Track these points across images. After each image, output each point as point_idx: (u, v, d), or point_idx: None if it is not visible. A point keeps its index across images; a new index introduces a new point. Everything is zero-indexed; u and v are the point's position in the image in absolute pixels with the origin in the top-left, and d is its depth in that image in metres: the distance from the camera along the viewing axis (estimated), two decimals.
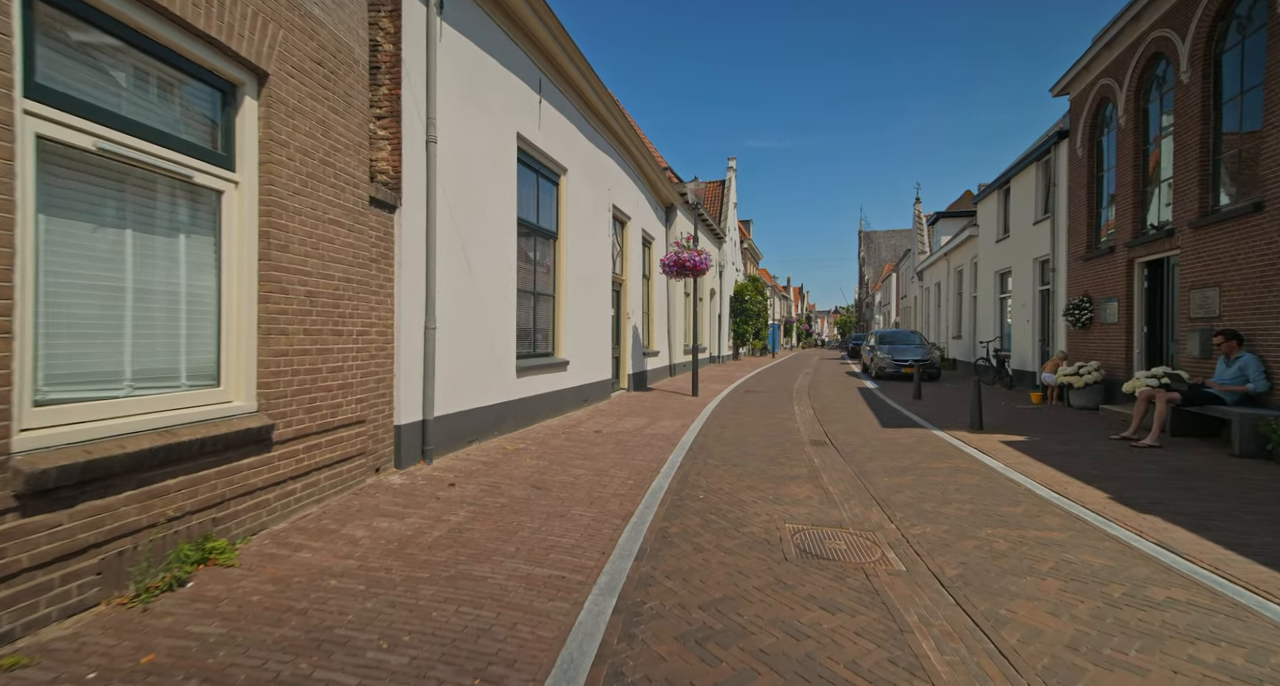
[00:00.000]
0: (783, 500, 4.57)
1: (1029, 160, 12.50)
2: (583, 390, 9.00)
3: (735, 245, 28.01)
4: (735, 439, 7.21)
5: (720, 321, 23.98)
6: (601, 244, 9.87)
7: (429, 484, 4.48)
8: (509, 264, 6.63)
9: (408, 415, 4.83)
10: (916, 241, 28.53)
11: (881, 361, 15.81)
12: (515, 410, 6.81)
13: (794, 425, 8.45)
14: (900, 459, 6.16)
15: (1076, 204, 10.38)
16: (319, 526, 3.42)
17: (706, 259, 10.96)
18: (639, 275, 12.47)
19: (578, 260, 8.75)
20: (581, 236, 8.92)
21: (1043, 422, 8.44)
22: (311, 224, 3.60)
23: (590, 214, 9.30)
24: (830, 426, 8.36)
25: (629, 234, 11.74)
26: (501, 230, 6.46)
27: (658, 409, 9.53)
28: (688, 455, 6.16)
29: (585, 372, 9.08)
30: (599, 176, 9.69)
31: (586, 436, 6.89)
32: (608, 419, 8.28)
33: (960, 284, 19.47)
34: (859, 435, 7.64)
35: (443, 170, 5.28)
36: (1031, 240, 12.52)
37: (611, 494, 4.54)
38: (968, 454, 6.35)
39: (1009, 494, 4.78)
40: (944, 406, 10.23)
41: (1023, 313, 12.97)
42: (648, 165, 12.31)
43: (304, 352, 3.54)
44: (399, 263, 4.68)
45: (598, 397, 9.76)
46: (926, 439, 7.31)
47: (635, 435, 7.13)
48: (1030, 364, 12.55)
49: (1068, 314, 10.13)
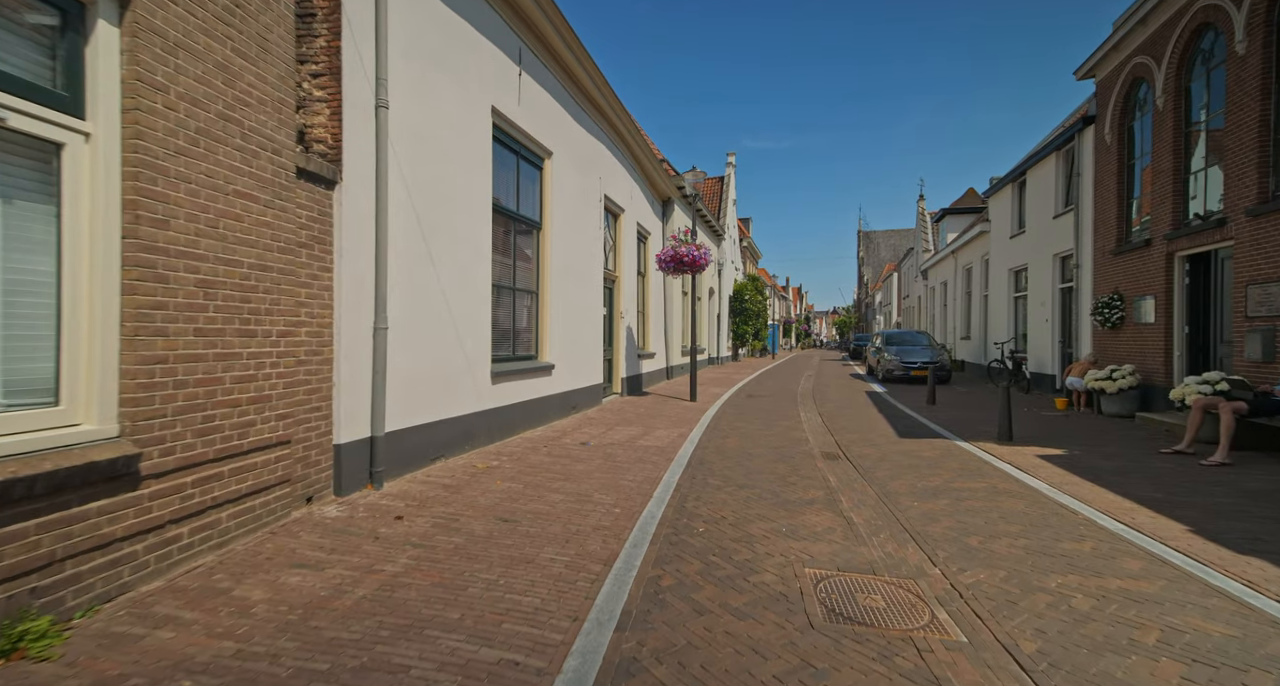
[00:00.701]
0: (799, 533, 3.81)
1: (1048, 150, 11.77)
2: (571, 396, 8.23)
3: (734, 243, 27.26)
4: (739, 452, 6.45)
5: (719, 321, 23.22)
6: (592, 237, 9.11)
7: (371, 517, 3.70)
8: (482, 255, 5.86)
9: (351, 431, 4.06)
10: (920, 239, 27.81)
11: (889, 364, 15.07)
12: (490, 421, 6.04)
13: (802, 434, 7.69)
14: (926, 477, 5.40)
15: (1104, 194, 9.65)
16: (206, 585, 2.64)
17: (706, 254, 10.21)
18: (633, 272, 11.71)
19: (565, 253, 7.98)
20: (569, 228, 8.15)
21: (1076, 432, 7.68)
22: (207, 195, 2.83)
23: (579, 203, 8.53)
24: (842, 436, 7.61)
25: (622, 227, 10.97)
26: (474, 217, 5.69)
27: (653, 416, 8.76)
28: (685, 472, 5.40)
29: (573, 377, 8.31)
30: (589, 163, 8.93)
31: (572, 450, 6.12)
32: (597, 428, 7.51)
33: (969, 282, 18.73)
34: (875, 447, 6.88)
35: (399, 143, 4.51)
36: (1051, 235, 11.79)
37: (593, 527, 3.77)
38: (1003, 471, 5.59)
39: (1067, 525, 4.02)
40: (962, 413, 9.48)
41: (1041, 312, 12.23)
42: (643, 154, 11.56)
43: (195, 359, 2.77)
44: (339, 250, 3.91)
45: (588, 404, 8.99)
46: (951, 452, 6.55)
47: (627, 447, 6.36)
48: (1049, 366, 11.82)
49: (1096, 313, 9.39)
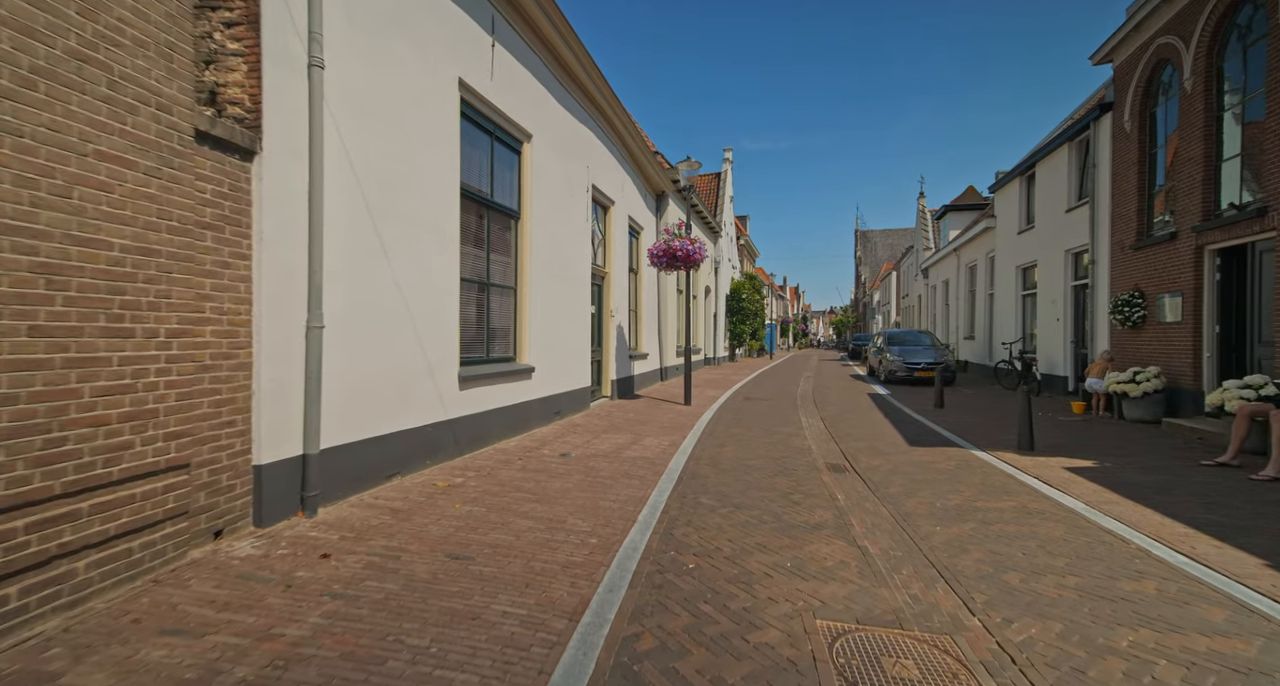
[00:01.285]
0: (806, 568, 3.21)
1: (1059, 140, 11.20)
2: (554, 401, 7.61)
3: (731, 241, 26.67)
4: (736, 463, 5.84)
5: (716, 321, 22.63)
6: (578, 230, 8.49)
7: (292, 555, 3.07)
8: (448, 245, 5.24)
9: (277, 449, 3.43)
10: (920, 238, 27.27)
11: (891, 364, 14.49)
12: (458, 431, 5.41)
13: (804, 443, 7.09)
14: (946, 493, 4.81)
15: (1123, 185, 9.08)
16: (27, 668, 2.01)
17: (701, 248, 9.60)
18: (624, 268, 11.09)
19: (548, 247, 7.36)
20: (553, 219, 7.53)
21: (1101, 440, 7.10)
22: (50, 155, 2.21)
23: (564, 193, 7.91)
24: (847, 444, 7.02)
25: (612, 221, 10.36)
26: (437, 202, 5.07)
27: (644, 422, 8.15)
28: (676, 490, 4.79)
29: (557, 380, 7.69)
30: (575, 150, 8.31)
31: (550, 463, 5.49)
32: (582, 436, 6.89)
33: (973, 280, 18.18)
34: (884, 457, 6.29)
35: (342, 112, 3.89)
36: (1063, 230, 11.23)
37: (562, 564, 3.15)
38: (1031, 487, 5.00)
39: (1119, 557, 3.43)
40: (973, 418, 8.90)
41: (1052, 310, 11.67)
42: (635, 144, 10.94)
43: (30, 366, 2.14)
44: (259, 234, 3.28)
45: (573, 409, 8.37)
46: (969, 463, 5.96)
47: (612, 459, 5.75)
48: (1061, 367, 11.25)
49: (1116, 311, 8.82)
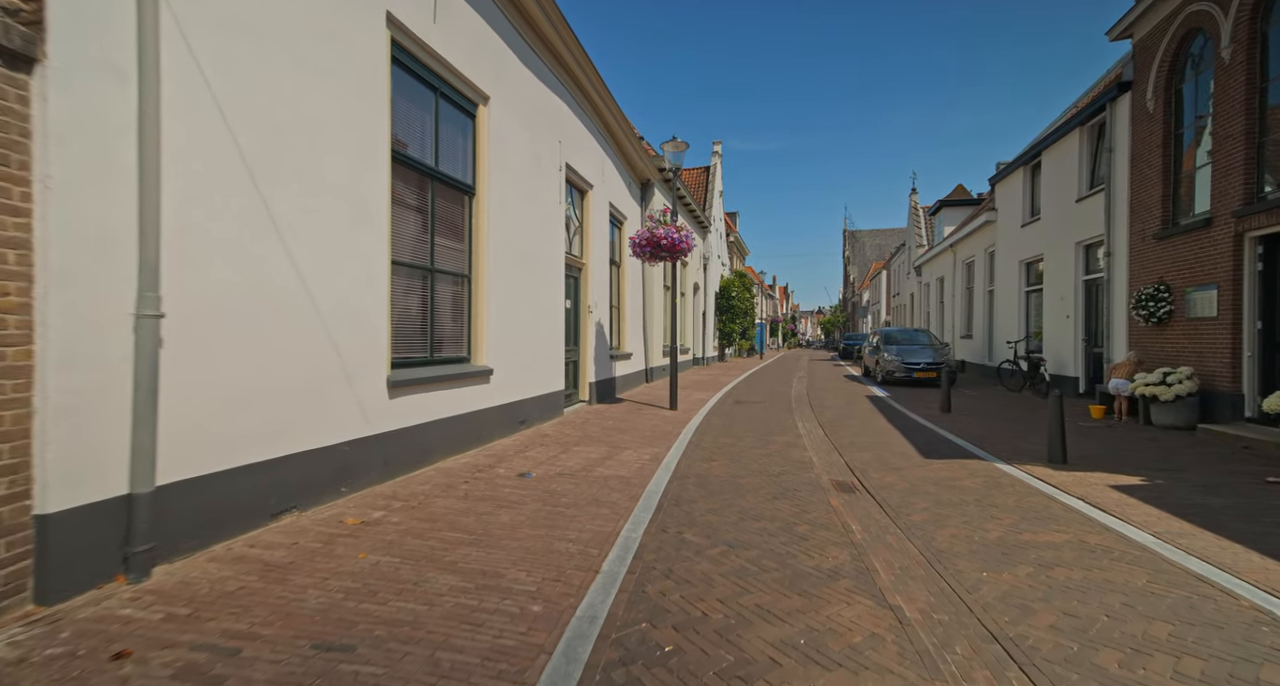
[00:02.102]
0: (827, 650, 2.31)
1: (1070, 125, 10.46)
2: (518, 408, 6.66)
3: (721, 237, 25.85)
4: (727, 482, 4.94)
5: (705, 319, 21.78)
6: (549, 213, 7.55)
7: (66, 656, 2.08)
8: (372, 219, 4.26)
9: (75, 490, 2.44)
10: (913, 235, 26.65)
11: (889, 364, 13.71)
12: (387, 449, 4.44)
13: (804, 454, 6.22)
14: (981, 522, 3.95)
15: (1145, 170, 8.33)
16: None
17: (688, 237, 8.71)
18: (605, 260, 10.16)
19: (510, 229, 6.41)
20: (517, 198, 6.58)
21: (1137, 450, 6.29)
22: None
23: (530, 169, 6.96)
24: (853, 455, 6.16)
25: (591, 207, 9.42)
26: (356, 164, 4.10)
27: (623, 430, 7.23)
28: (654, 521, 3.88)
29: (522, 384, 6.74)
30: (545, 121, 7.36)
31: (503, 487, 4.54)
32: (549, 450, 5.94)
33: (970, 277, 17.50)
34: (897, 472, 5.44)
35: (200, 20, 2.92)
36: (1073, 221, 10.49)
37: (484, 655, 2.21)
38: (1082, 514, 4.15)
39: (1239, 623, 2.56)
40: (986, 423, 8.08)
41: (1060, 307, 10.94)
42: (616, 123, 10.02)
43: None
44: (41, 178, 2.30)
45: (543, 416, 7.42)
46: (997, 479, 5.12)
47: (581, 480, 4.81)
48: (1071, 368, 10.52)
49: (1139, 307, 8.06)
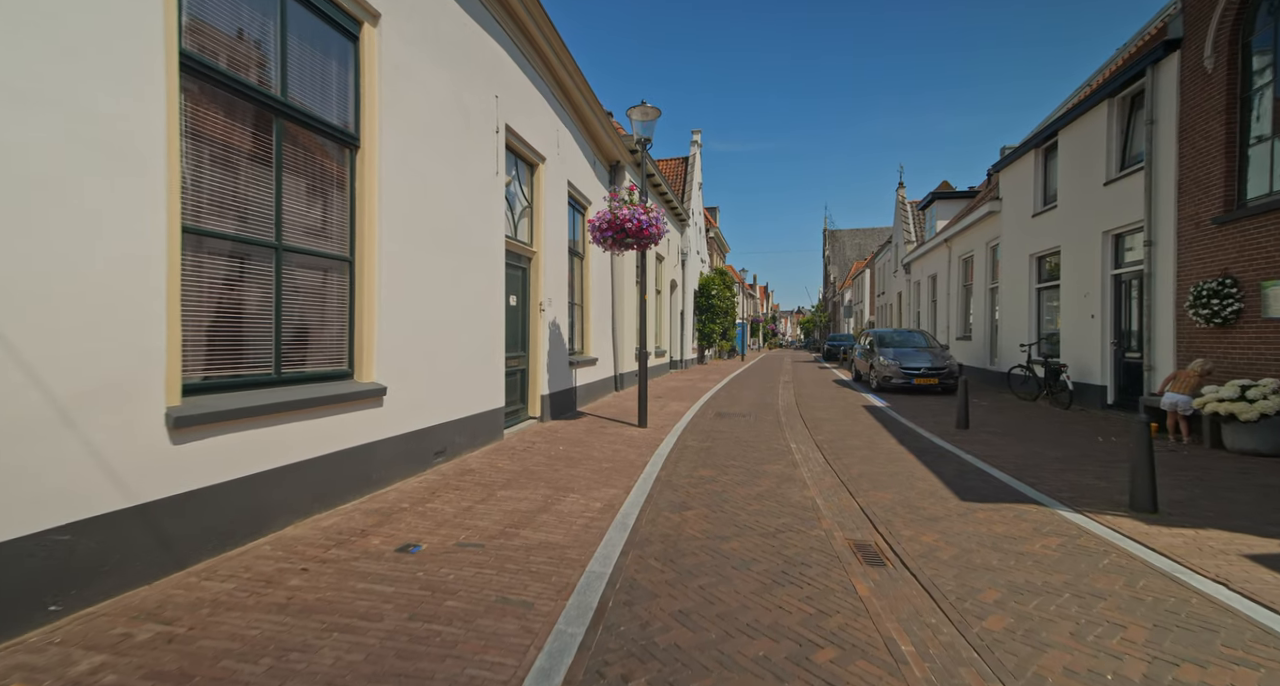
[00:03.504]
0: None
1: (1096, 98, 9.19)
2: (431, 436, 5.05)
3: (700, 232, 24.41)
4: (704, 552, 3.42)
5: (683, 319, 20.31)
6: (483, 184, 5.96)
7: None
8: (125, 161, 2.61)
9: None
10: (900, 230, 25.52)
11: (885, 369, 12.37)
12: (167, 526, 2.77)
13: (805, 494, 4.76)
14: (1097, 630, 2.52)
15: (1201, 142, 7.04)
16: None
17: (658, 221, 7.18)
18: (562, 249, 8.59)
19: (418, 199, 4.80)
20: (429, 158, 4.97)
21: (1237, 490, 4.88)
22: None
23: (453, 124, 5.36)
24: (869, 496, 4.71)
25: (544, 184, 7.84)
26: (102, 67, 2.48)
27: (575, 460, 5.66)
28: (588, 647, 2.34)
29: (438, 403, 5.14)
30: (474, 66, 5.77)
31: (359, 579, 2.92)
32: (465, 497, 4.35)
33: (967, 274, 16.29)
34: (933, 525, 4.02)
35: None
36: (1100, 207, 9.22)
37: None
38: (1250, 618, 2.70)
39: None
40: (1018, 444, 6.68)
41: (1083, 306, 9.67)
42: (576, 89, 8.45)
43: None
44: None
45: (473, 442, 5.82)
46: (1078, 540, 3.69)
47: (490, 556, 3.23)
48: (1097, 375, 9.24)
49: (1199, 305, 6.76)
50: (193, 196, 3.03)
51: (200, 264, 3.09)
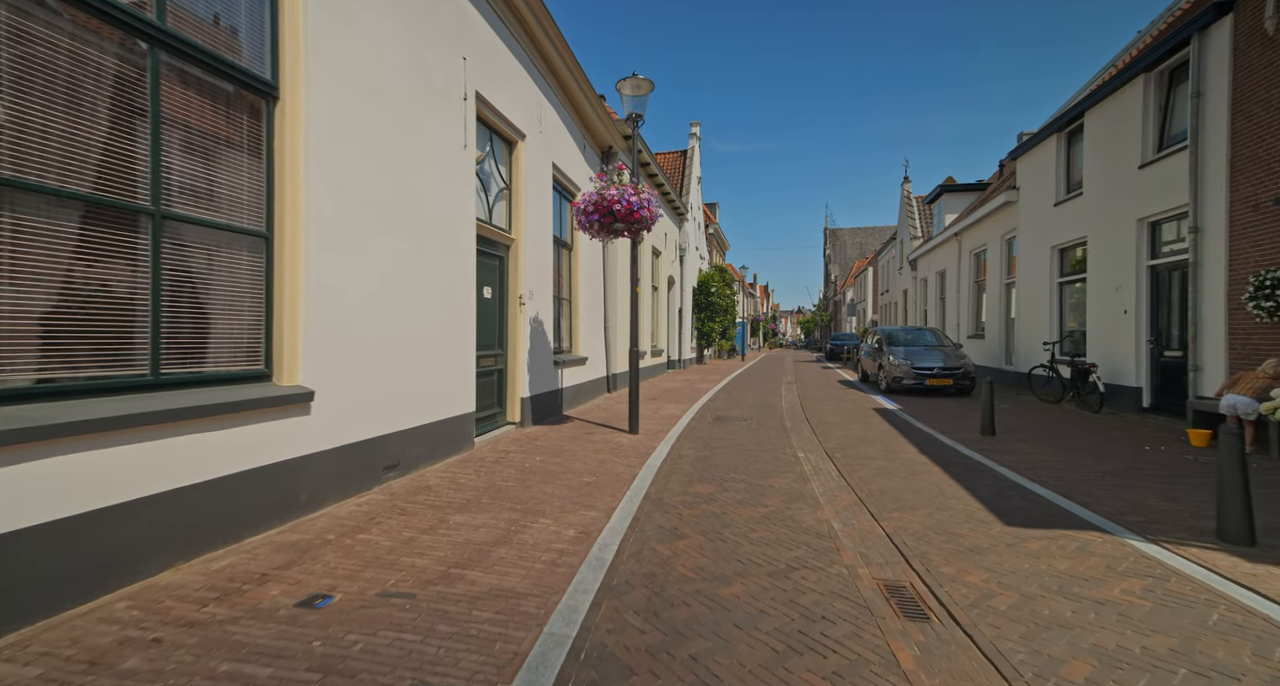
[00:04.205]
0: None
1: (1129, 73, 8.43)
2: (378, 448, 4.29)
3: (699, 227, 23.66)
4: (699, 602, 2.67)
5: (681, 317, 19.56)
6: (449, 158, 5.20)
7: None
8: None
9: None
10: (906, 226, 24.76)
11: (895, 369, 11.61)
12: None
13: (819, 517, 4.01)
14: None
15: (1260, 114, 6.28)
16: None
17: (650, 204, 6.42)
18: (545, 237, 7.83)
19: (363, 166, 4.04)
20: (376, 120, 4.22)
21: None
22: None
23: (408, 84, 4.60)
24: (894, 518, 3.97)
25: (524, 164, 7.08)
26: None
27: (551, 474, 4.90)
28: None
29: (389, 409, 4.37)
30: (436, 21, 5.01)
31: (226, 653, 2.13)
32: (410, 524, 3.59)
33: (979, 269, 15.54)
34: (978, 559, 3.29)
35: None
36: (1133, 192, 8.46)
37: None
38: None
39: None
40: (1057, 455, 5.90)
41: (1115, 300, 8.91)
42: (562, 61, 7.70)
43: None
44: None
45: (434, 454, 5.06)
46: (1166, 582, 2.94)
47: (420, 613, 2.44)
48: (1131, 376, 8.48)
49: (1259, 297, 6.00)
50: (10, 137, 2.27)
51: (21, 228, 2.34)
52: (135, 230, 2.73)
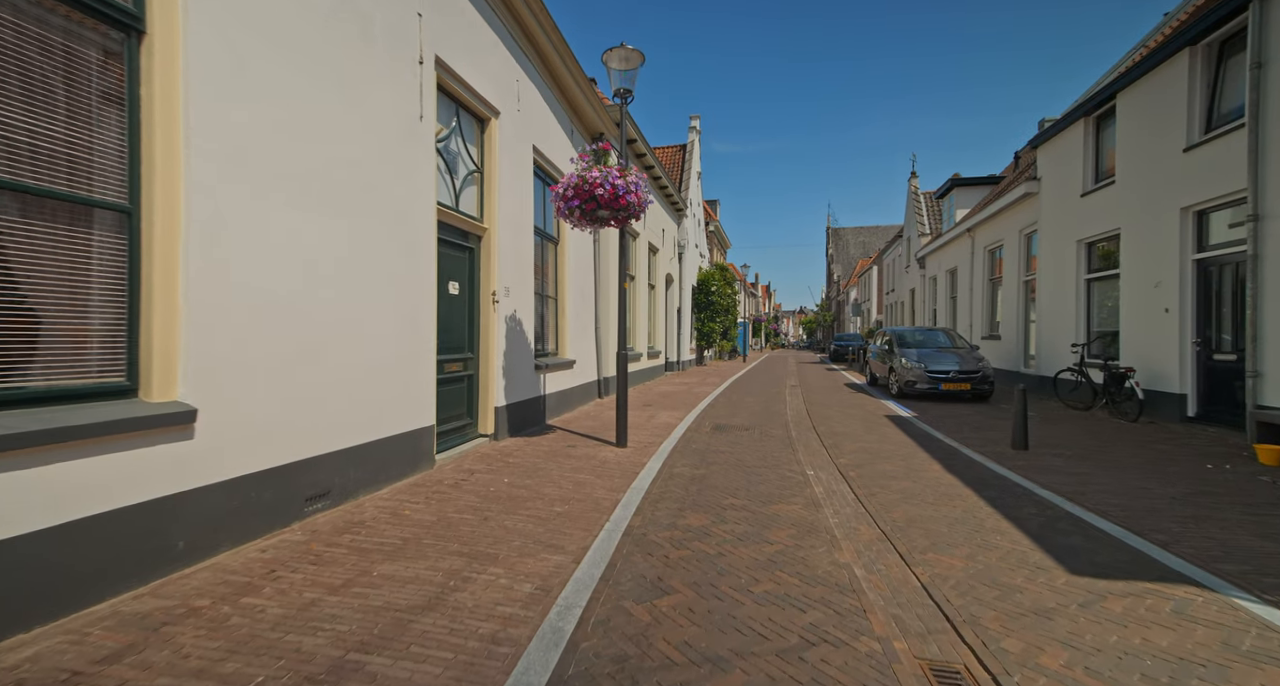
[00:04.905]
0: None
1: (1171, 47, 7.63)
2: (296, 477, 3.51)
3: (699, 224, 22.88)
4: None
5: (680, 316, 18.78)
6: (401, 129, 4.43)
7: None
8: None
9: None
10: (913, 223, 23.93)
11: (908, 373, 10.81)
12: None
13: (837, 557, 3.24)
14: None
15: None
16: None
17: (639, 188, 5.65)
18: (525, 228, 7.07)
19: (269, 123, 3.28)
20: (289, 68, 3.45)
21: None
22: None
23: (336, 30, 3.83)
24: (930, 562, 3.19)
25: (498, 145, 6.31)
26: None
27: (519, 501, 4.12)
28: None
29: (308, 429, 3.60)
30: None
31: None
32: (320, 577, 2.79)
33: (993, 266, 14.73)
34: (1049, 627, 2.50)
35: None
36: (1176, 178, 7.67)
37: None
38: None
39: None
40: (1106, 475, 5.08)
41: (1152, 298, 8.11)
42: (547, 39, 6.93)
43: None
44: None
45: (378, 479, 4.29)
46: None
47: None
48: (1175, 382, 7.68)
49: None
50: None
51: None
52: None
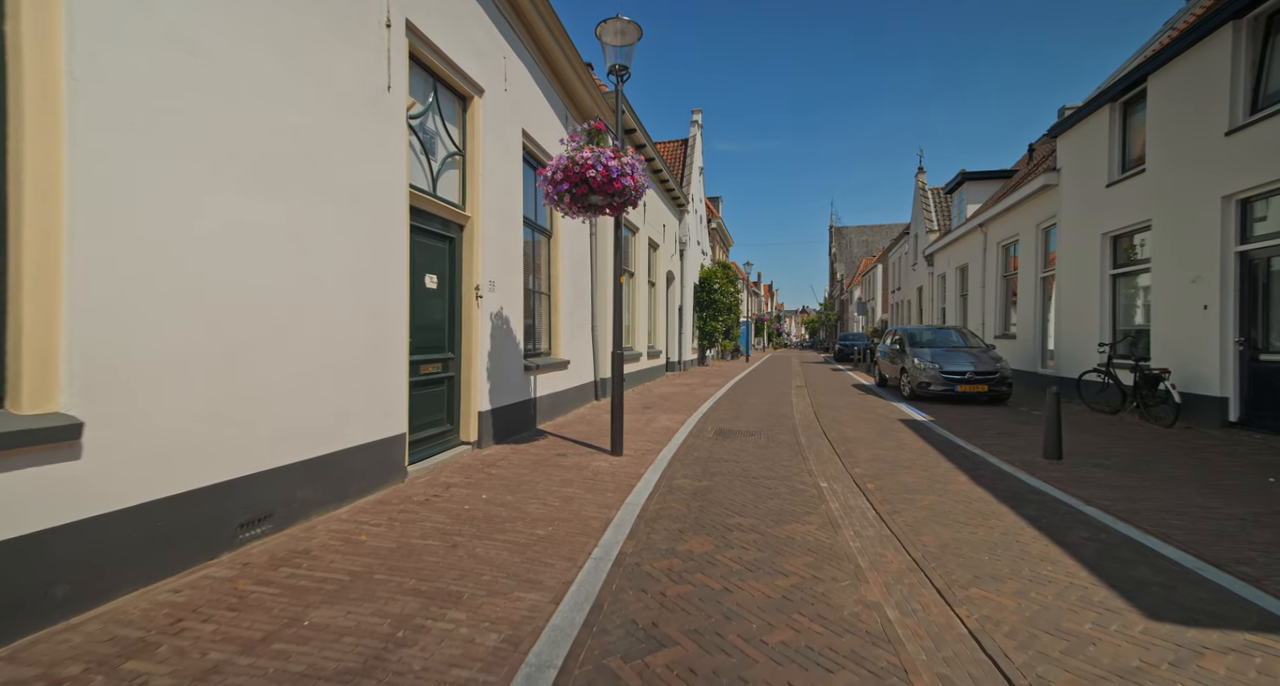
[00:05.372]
0: None
1: (1214, 22, 7.06)
2: (227, 498, 2.98)
3: (701, 221, 22.33)
4: None
5: (681, 315, 18.24)
6: (359, 97, 3.91)
7: None
8: None
9: None
10: (921, 219, 23.34)
11: (921, 374, 10.26)
12: None
13: (864, 595, 2.70)
14: None
15: None
16: None
17: (635, 171, 5.12)
18: (513, 218, 6.54)
19: (186, 80, 2.75)
20: (217, 17, 2.94)
21: None
22: None
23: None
24: (975, 603, 2.63)
25: (482, 126, 5.78)
26: None
27: (496, 522, 3.59)
28: None
29: (244, 440, 3.06)
30: None
31: None
32: (235, 631, 2.22)
33: (1006, 263, 14.17)
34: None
35: None
36: (1217, 165, 7.11)
37: None
38: None
39: None
40: (1162, 493, 4.50)
41: (1188, 294, 7.56)
42: (538, 15, 6.40)
43: None
44: None
45: (337, 496, 3.76)
46: None
47: None
48: (1215, 384, 7.12)
49: None
50: None
51: None
52: None
